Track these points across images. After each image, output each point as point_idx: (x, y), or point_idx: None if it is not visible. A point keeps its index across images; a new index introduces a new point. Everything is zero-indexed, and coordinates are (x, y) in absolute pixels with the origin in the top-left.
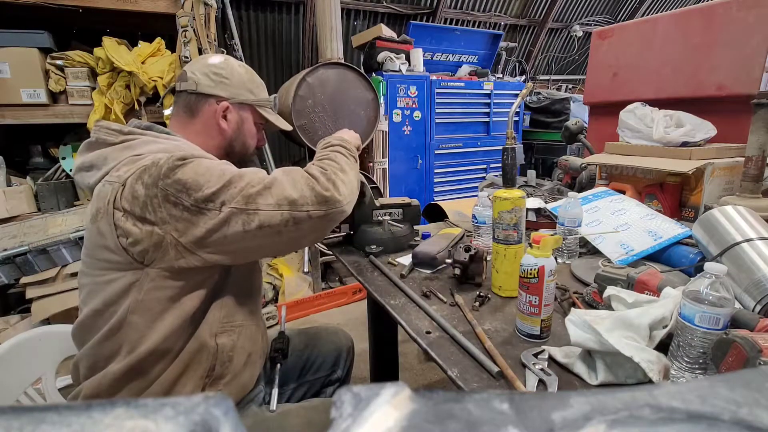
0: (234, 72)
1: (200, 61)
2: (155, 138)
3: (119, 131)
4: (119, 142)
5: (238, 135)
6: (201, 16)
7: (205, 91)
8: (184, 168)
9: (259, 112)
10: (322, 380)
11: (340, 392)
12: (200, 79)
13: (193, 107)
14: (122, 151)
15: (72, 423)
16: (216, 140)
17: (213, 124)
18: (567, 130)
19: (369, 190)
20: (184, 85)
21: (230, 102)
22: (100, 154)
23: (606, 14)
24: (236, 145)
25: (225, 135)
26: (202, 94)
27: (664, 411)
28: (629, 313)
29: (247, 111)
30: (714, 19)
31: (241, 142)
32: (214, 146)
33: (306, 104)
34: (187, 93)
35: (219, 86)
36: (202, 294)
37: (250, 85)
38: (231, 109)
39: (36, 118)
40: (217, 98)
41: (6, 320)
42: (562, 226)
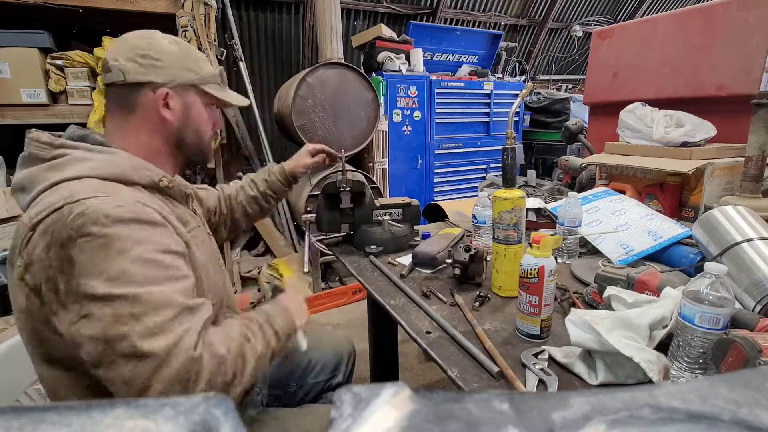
0: (164, 50)
1: (121, 45)
2: (87, 153)
3: (50, 144)
4: (50, 158)
5: (186, 123)
6: (201, 16)
7: (135, 79)
8: (84, 245)
9: (206, 91)
10: (322, 384)
11: (340, 392)
12: (126, 66)
13: (127, 101)
14: (47, 171)
15: (72, 423)
16: (162, 135)
17: (154, 116)
18: (567, 130)
19: (369, 190)
20: (110, 77)
21: (169, 87)
22: (29, 175)
23: (606, 14)
24: (187, 135)
25: (171, 126)
26: (134, 84)
27: (664, 411)
28: (629, 313)
29: (191, 93)
30: (714, 19)
31: (192, 130)
32: (161, 142)
33: (306, 104)
34: (116, 86)
35: (151, 71)
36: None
37: (188, 62)
38: (172, 95)
39: (36, 118)
40: (151, 85)
41: (6, 320)
42: (562, 226)
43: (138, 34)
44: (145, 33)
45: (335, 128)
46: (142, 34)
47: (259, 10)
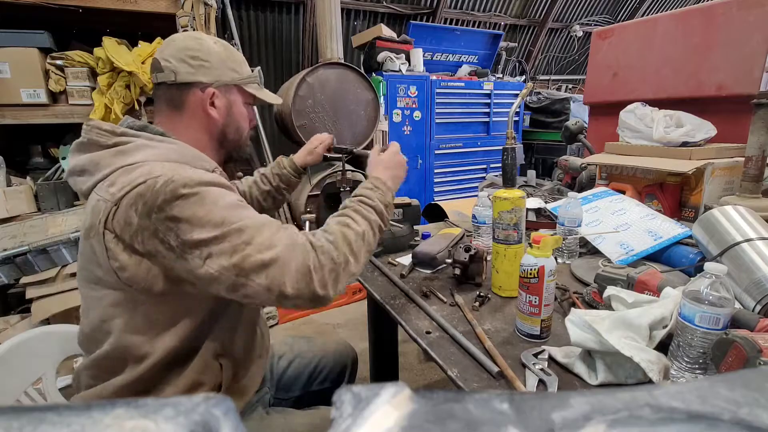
0: (212, 51)
1: (171, 46)
2: (149, 141)
3: (112, 132)
4: (112, 145)
5: (230, 121)
6: (201, 16)
7: (185, 79)
8: (183, 204)
9: (246, 90)
10: (326, 392)
11: (340, 392)
12: (177, 66)
13: (176, 100)
14: (114, 156)
15: (72, 423)
16: (208, 131)
17: (201, 114)
18: (567, 130)
19: None
20: (161, 77)
21: (215, 86)
22: (92, 159)
23: (606, 14)
24: (230, 132)
25: (216, 123)
26: (183, 84)
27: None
28: (629, 313)
29: (234, 92)
30: (714, 19)
31: (234, 127)
32: (206, 138)
33: (306, 104)
34: (167, 85)
35: (200, 71)
36: (199, 314)
37: (232, 63)
38: (217, 94)
39: (36, 118)
40: (200, 85)
41: (6, 320)
42: (562, 226)
43: (187, 35)
44: (194, 34)
45: (335, 128)
46: (192, 35)
47: (259, 10)
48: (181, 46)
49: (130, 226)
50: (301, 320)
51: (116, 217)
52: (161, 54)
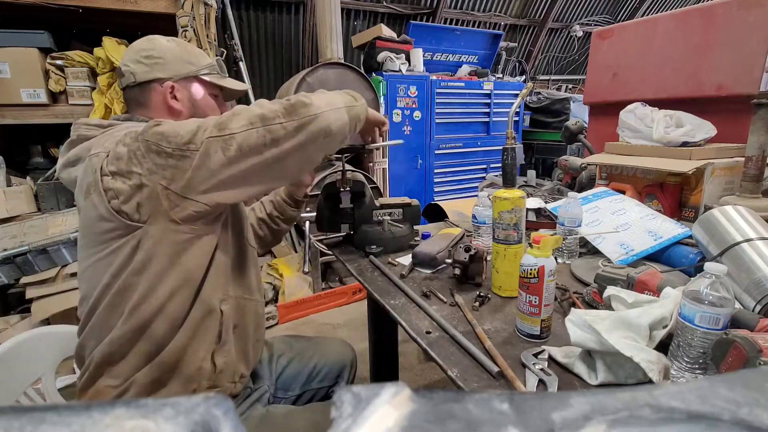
0: (164, 49)
1: (129, 51)
2: (137, 124)
3: (99, 125)
4: (100, 134)
5: (194, 112)
6: (201, 16)
7: (144, 78)
8: (162, 124)
9: (208, 81)
10: (325, 390)
11: (340, 392)
12: (135, 68)
13: (141, 99)
14: (102, 137)
15: (72, 423)
16: None
17: (165, 107)
18: (567, 130)
19: (369, 190)
20: (124, 81)
21: (173, 80)
22: (84, 146)
23: (606, 14)
24: None
25: (181, 115)
26: (143, 83)
27: (664, 411)
28: (629, 313)
29: (194, 84)
30: (714, 19)
31: (202, 116)
32: None
33: None
34: (130, 87)
35: (155, 68)
36: (201, 253)
37: (187, 56)
38: (177, 88)
39: (36, 118)
40: (158, 81)
41: (6, 320)
42: (562, 226)
43: (142, 39)
44: (147, 37)
45: None
46: (146, 38)
47: (259, 10)
48: (136, 49)
49: (122, 159)
50: (301, 320)
51: (108, 161)
52: (122, 61)
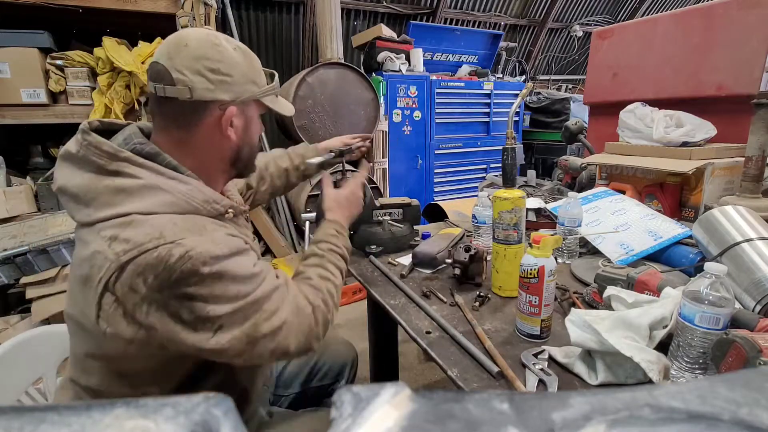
0: (233, 63)
1: (184, 53)
2: (157, 179)
3: (111, 156)
4: (108, 171)
5: (246, 140)
6: (201, 16)
7: (203, 97)
8: (200, 283)
9: (264, 103)
10: (326, 389)
11: (340, 392)
12: (193, 81)
13: (188, 118)
14: (115, 195)
15: (72, 423)
16: (220, 152)
17: (217, 135)
18: (567, 130)
19: (369, 190)
20: (171, 91)
21: (236, 104)
22: (88, 188)
23: (606, 14)
24: (244, 152)
25: (232, 145)
26: (199, 102)
27: (664, 411)
28: (629, 313)
29: (252, 107)
30: (714, 19)
31: (248, 145)
32: (218, 160)
33: (306, 104)
34: (175, 100)
35: (220, 87)
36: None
37: (252, 74)
38: (237, 113)
39: (36, 118)
40: (219, 103)
41: (6, 320)
42: (562, 226)
43: (202, 37)
44: (211, 37)
45: (335, 128)
46: (208, 39)
47: (259, 10)
48: (197, 55)
49: (136, 294)
50: None
51: (120, 281)
52: (171, 62)
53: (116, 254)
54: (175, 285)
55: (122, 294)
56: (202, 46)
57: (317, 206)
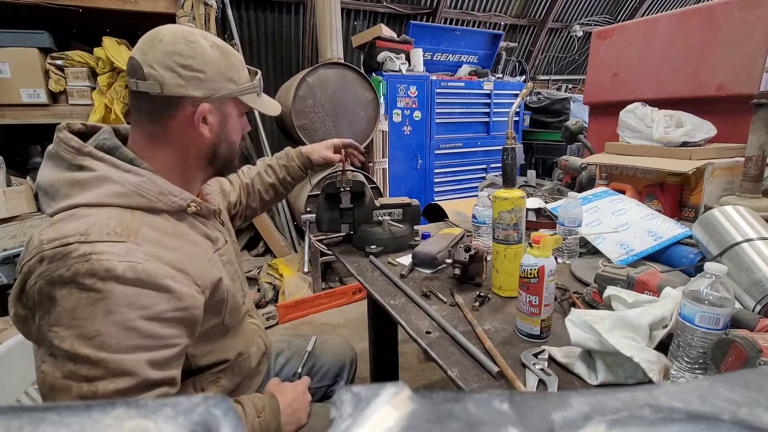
0: (207, 59)
1: (157, 48)
2: (112, 171)
3: (77, 150)
4: (75, 165)
5: (222, 138)
6: (201, 16)
7: (173, 92)
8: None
9: (243, 101)
10: (324, 390)
11: (340, 392)
12: (164, 76)
13: (161, 114)
14: (71, 187)
15: (72, 423)
16: (195, 149)
17: (190, 132)
18: (567, 130)
19: (369, 190)
20: (143, 86)
21: (209, 101)
22: (52, 182)
23: (606, 14)
24: (221, 149)
25: (206, 142)
26: (170, 97)
27: (664, 411)
28: (629, 313)
29: (229, 104)
30: (714, 19)
31: (226, 143)
32: (193, 157)
33: (306, 104)
34: (150, 96)
35: (192, 84)
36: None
37: (230, 71)
38: (211, 109)
39: (36, 118)
40: (191, 100)
41: (6, 320)
42: (562, 226)
43: (177, 33)
44: (185, 34)
45: (335, 128)
46: (183, 35)
47: (259, 10)
48: (169, 50)
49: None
50: (301, 320)
51: (29, 263)
52: (144, 57)
53: (41, 241)
54: (54, 281)
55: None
56: (175, 42)
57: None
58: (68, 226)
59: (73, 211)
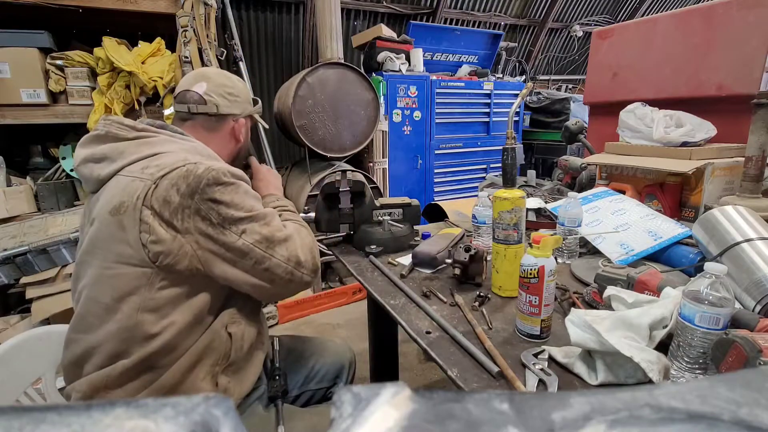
0: (239, 88)
1: (211, 82)
2: (171, 137)
3: (132, 127)
4: (132, 138)
5: (244, 144)
6: (201, 16)
7: (224, 111)
8: (223, 189)
9: (253, 117)
10: (323, 391)
11: (340, 392)
12: (219, 101)
13: (214, 126)
14: (139, 146)
15: (72, 423)
16: (227, 150)
17: (231, 138)
18: (567, 130)
19: (369, 191)
20: (203, 108)
21: (242, 116)
22: (115, 147)
23: (606, 14)
24: (242, 151)
25: (236, 146)
26: (222, 115)
27: (664, 411)
28: (629, 313)
29: (249, 119)
30: (714, 19)
31: (243, 148)
32: (226, 155)
33: (306, 104)
34: (207, 115)
35: (234, 105)
36: (212, 293)
37: (248, 96)
38: (243, 123)
39: (36, 118)
40: (233, 116)
41: (6, 320)
42: (562, 226)
43: (219, 73)
44: (222, 72)
45: (335, 128)
46: (222, 73)
47: (259, 10)
48: (219, 83)
49: (170, 204)
50: (301, 320)
51: (155, 194)
52: (201, 88)
53: (150, 174)
54: (203, 190)
55: (159, 205)
56: (219, 77)
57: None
58: (164, 161)
59: (156, 157)
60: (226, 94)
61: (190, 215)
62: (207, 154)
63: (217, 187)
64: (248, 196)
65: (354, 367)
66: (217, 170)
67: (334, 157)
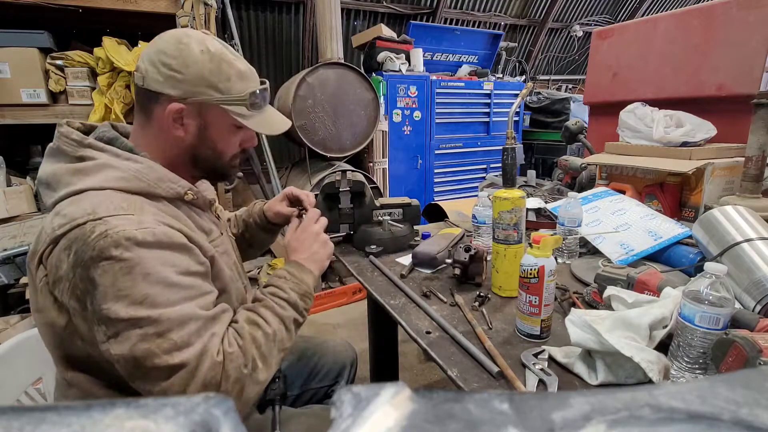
0: (191, 62)
1: (154, 45)
2: (113, 159)
3: (78, 142)
4: (76, 157)
5: (201, 142)
6: (201, 16)
7: (151, 87)
8: (107, 267)
9: (229, 112)
10: (325, 390)
11: (340, 392)
12: (147, 70)
13: (145, 107)
14: (73, 175)
15: (72, 423)
16: (176, 147)
17: (166, 129)
18: (567, 130)
19: (369, 191)
20: (136, 77)
21: (184, 103)
22: (54, 173)
23: (606, 14)
24: (202, 153)
25: (182, 144)
26: (150, 91)
27: (664, 411)
28: (629, 313)
29: (214, 113)
30: (714, 19)
31: (209, 148)
32: (176, 154)
33: (306, 104)
34: (138, 87)
35: (168, 82)
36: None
37: (215, 78)
38: (187, 112)
39: (36, 118)
40: (165, 97)
41: (6, 320)
42: (562, 226)
43: (174, 34)
44: (181, 36)
45: (335, 128)
46: (178, 36)
47: (259, 10)
48: (159, 48)
49: (59, 270)
50: None
51: (51, 256)
52: (143, 52)
53: (53, 228)
54: (86, 264)
55: (50, 268)
56: (168, 41)
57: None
58: (74, 209)
59: (76, 197)
60: (160, 63)
61: (69, 290)
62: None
63: (101, 263)
64: (145, 282)
65: (356, 366)
66: (110, 237)
67: (334, 157)
